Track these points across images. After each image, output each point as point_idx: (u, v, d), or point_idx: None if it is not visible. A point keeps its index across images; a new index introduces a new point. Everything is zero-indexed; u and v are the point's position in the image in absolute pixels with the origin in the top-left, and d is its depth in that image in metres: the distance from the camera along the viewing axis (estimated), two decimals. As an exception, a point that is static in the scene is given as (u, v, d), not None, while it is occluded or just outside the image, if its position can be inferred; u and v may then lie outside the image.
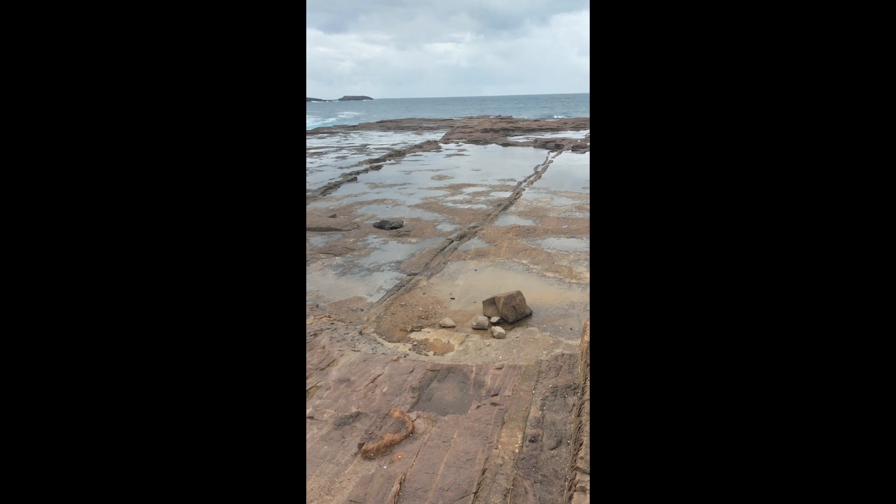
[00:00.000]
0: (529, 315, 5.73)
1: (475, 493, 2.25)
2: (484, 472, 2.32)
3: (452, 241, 8.41)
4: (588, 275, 6.82)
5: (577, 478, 1.80)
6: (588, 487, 1.85)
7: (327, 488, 2.55)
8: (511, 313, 5.63)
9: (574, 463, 1.93)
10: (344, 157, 19.24)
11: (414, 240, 8.66)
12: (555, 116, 44.17)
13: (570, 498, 1.87)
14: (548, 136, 24.88)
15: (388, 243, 8.49)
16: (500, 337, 5.25)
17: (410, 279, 6.90)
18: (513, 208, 10.72)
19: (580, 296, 6.17)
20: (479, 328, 5.52)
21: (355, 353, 4.36)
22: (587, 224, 9.06)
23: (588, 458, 1.83)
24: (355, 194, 12.53)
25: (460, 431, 2.85)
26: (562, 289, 6.45)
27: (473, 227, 9.11)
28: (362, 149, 22.27)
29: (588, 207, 10.30)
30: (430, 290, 6.53)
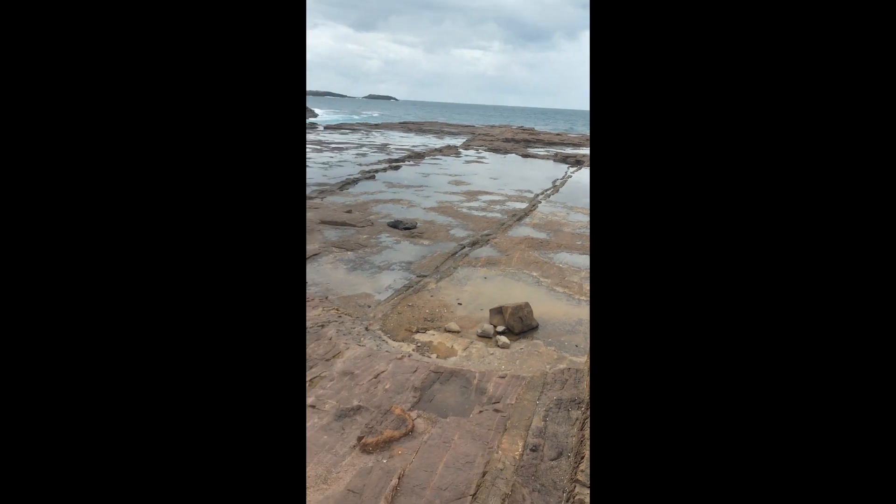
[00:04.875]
0: (535, 328, 5.71)
1: (473, 494, 2.26)
2: (484, 474, 2.33)
3: (464, 247, 8.43)
4: (598, 293, 6.78)
5: (577, 490, 1.80)
6: (585, 500, 1.84)
7: (324, 477, 2.57)
8: (517, 324, 5.63)
9: (574, 476, 1.92)
10: (364, 155, 19.43)
11: (426, 242, 8.70)
12: (577, 132, 44.07)
13: (568, 510, 1.87)
14: (569, 150, 24.84)
15: (401, 243, 8.55)
16: (504, 347, 5.24)
17: (419, 281, 6.93)
18: (527, 220, 10.71)
19: (588, 313, 6.14)
20: (483, 336, 5.52)
21: (361, 347, 4.40)
22: (601, 242, 8.99)
23: (588, 472, 1.83)
24: (372, 192, 12.64)
25: (461, 434, 2.86)
26: (570, 305, 6.42)
27: (486, 235, 9.13)
28: (383, 148, 22.46)
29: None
30: (438, 294, 6.55)
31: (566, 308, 6.32)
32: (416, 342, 5.25)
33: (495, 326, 5.66)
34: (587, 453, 1.88)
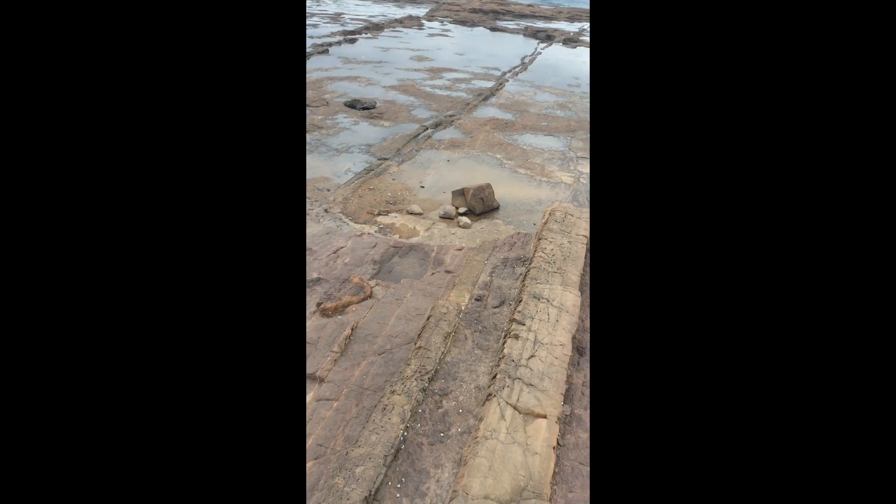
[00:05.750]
0: (497, 209, 5.81)
1: (419, 335, 2.48)
2: (428, 318, 2.54)
3: (427, 129, 8.06)
4: (559, 174, 6.86)
5: (513, 327, 2.00)
6: (520, 335, 2.07)
7: (288, 339, 2.75)
8: (479, 205, 5.69)
9: (512, 315, 2.12)
10: (315, 26, 17.18)
11: (387, 123, 8.23)
12: (550, 3, 39.95)
13: (504, 344, 2.10)
14: (540, 24, 22.80)
15: (359, 124, 8.05)
16: (465, 227, 5.36)
17: (380, 164, 6.71)
18: (493, 99, 10.19)
19: (548, 194, 6.25)
20: (445, 217, 5.59)
21: (318, 226, 4.38)
22: (566, 123, 8.83)
23: (524, 311, 2.03)
24: (326, 68, 11.47)
25: (413, 292, 3.04)
26: (531, 186, 6.48)
27: (450, 116, 8.70)
28: (336, 18, 19.86)
29: (570, 106, 9.99)
30: (400, 177, 6.42)
31: (527, 189, 6.39)
32: (378, 224, 5.27)
33: (457, 208, 5.71)
34: (525, 298, 2.06)
